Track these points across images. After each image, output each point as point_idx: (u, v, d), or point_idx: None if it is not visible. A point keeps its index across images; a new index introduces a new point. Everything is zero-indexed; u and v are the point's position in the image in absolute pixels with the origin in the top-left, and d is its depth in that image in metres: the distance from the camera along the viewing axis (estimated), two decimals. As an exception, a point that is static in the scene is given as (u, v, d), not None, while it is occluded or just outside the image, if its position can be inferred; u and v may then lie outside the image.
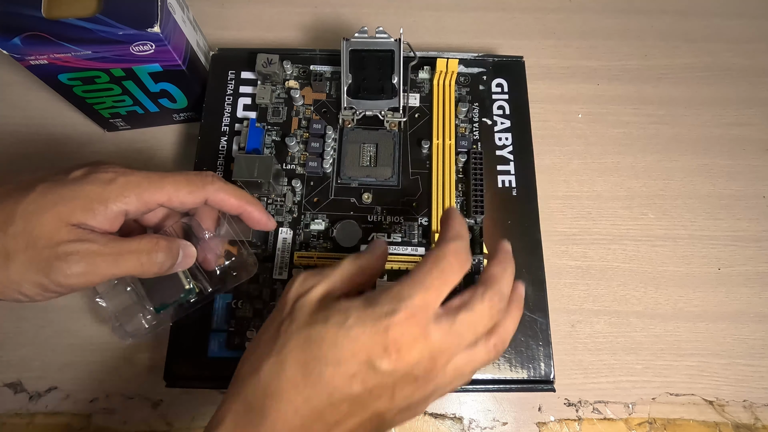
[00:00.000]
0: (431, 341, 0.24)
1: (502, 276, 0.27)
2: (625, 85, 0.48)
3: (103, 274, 0.27)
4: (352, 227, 0.37)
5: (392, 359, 0.23)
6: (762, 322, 0.41)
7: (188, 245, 0.31)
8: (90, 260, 0.26)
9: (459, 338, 0.25)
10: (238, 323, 0.35)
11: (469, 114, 0.41)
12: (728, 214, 0.44)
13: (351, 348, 0.23)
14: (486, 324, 0.26)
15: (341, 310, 0.24)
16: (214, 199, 0.30)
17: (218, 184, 0.30)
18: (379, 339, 0.23)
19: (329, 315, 0.24)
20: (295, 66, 0.42)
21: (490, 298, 0.26)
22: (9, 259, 0.25)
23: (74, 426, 0.37)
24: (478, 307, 0.25)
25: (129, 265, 0.27)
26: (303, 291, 0.26)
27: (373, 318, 0.24)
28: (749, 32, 0.51)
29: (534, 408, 0.39)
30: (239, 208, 0.32)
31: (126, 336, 0.32)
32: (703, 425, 0.38)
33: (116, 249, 0.27)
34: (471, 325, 0.25)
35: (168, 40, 0.35)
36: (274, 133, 0.40)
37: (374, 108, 0.39)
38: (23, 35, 0.33)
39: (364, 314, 0.24)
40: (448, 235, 0.27)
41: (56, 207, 0.26)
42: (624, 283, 0.42)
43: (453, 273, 0.25)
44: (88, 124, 0.45)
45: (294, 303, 0.26)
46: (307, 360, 0.24)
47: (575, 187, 0.45)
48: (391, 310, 0.24)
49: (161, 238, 0.29)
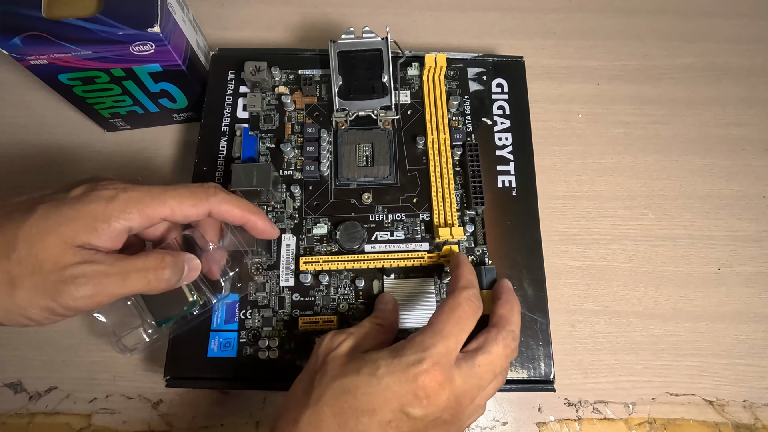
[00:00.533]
0: (456, 385, 0.26)
1: (511, 315, 0.30)
2: (625, 85, 0.48)
3: (111, 294, 0.26)
4: (355, 228, 0.37)
5: (423, 405, 0.25)
6: (762, 322, 0.41)
7: (193, 258, 0.30)
8: (97, 281, 0.26)
9: (480, 380, 0.27)
10: (248, 333, 0.35)
11: (461, 107, 0.41)
12: (728, 214, 0.44)
13: (384, 396, 0.25)
14: (502, 364, 0.28)
15: (371, 360, 0.26)
16: (218, 211, 0.30)
17: (221, 196, 0.30)
18: (409, 387, 0.25)
19: (360, 366, 0.26)
20: (283, 71, 0.41)
21: (504, 339, 0.28)
22: (15, 286, 0.25)
23: (74, 426, 0.37)
24: (494, 349, 0.28)
25: (136, 283, 0.27)
26: (333, 346, 0.28)
27: (402, 367, 0.25)
28: (749, 32, 0.51)
29: (534, 408, 0.39)
30: (243, 219, 0.31)
31: (125, 350, 0.31)
32: (703, 425, 0.38)
33: (123, 268, 0.27)
34: (489, 366, 0.27)
35: (168, 40, 0.35)
36: (268, 140, 0.40)
37: (366, 108, 0.39)
38: (23, 35, 0.33)
39: (392, 364, 0.26)
40: (460, 284, 0.30)
41: (59, 229, 0.25)
42: (624, 283, 0.42)
43: (468, 319, 0.28)
44: (88, 124, 0.45)
45: (326, 357, 0.28)
46: (343, 409, 0.25)
47: (575, 187, 0.45)
48: (418, 360, 0.25)
49: (167, 253, 0.29)
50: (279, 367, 0.34)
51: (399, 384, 0.25)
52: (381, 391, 0.25)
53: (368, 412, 0.25)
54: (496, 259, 0.37)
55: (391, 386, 0.25)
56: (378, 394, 0.25)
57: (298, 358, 0.34)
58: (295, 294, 0.36)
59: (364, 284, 0.36)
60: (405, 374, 0.25)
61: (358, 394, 0.25)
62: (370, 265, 0.36)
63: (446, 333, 0.27)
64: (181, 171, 0.44)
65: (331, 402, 0.25)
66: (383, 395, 0.25)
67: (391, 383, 0.25)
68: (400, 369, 0.25)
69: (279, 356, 0.34)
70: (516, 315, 0.30)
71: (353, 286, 0.36)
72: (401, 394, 0.25)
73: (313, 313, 0.35)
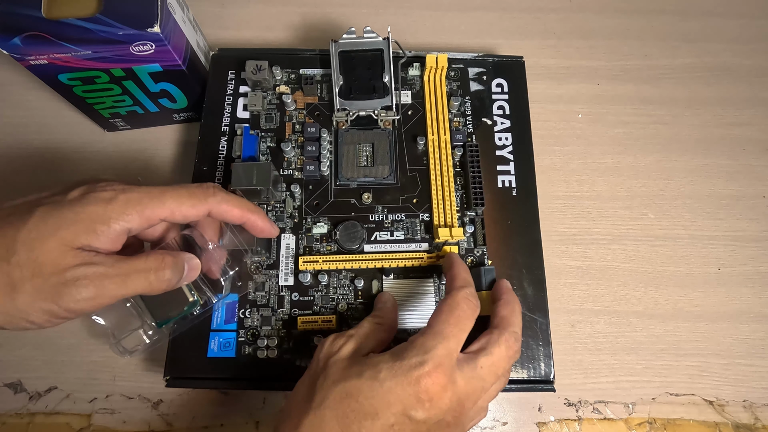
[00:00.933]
0: (458, 387, 0.26)
1: (512, 316, 0.30)
2: (625, 85, 0.48)
3: (113, 296, 0.26)
4: (355, 228, 0.37)
5: (426, 408, 0.25)
6: (762, 322, 0.41)
7: (192, 258, 0.30)
8: (99, 283, 0.26)
9: (482, 382, 0.27)
10: (247, 332, 0.35)
11: (462, 108, 0.41)
12: (728, 214, 0.44)
13: (386, 399, 0.25)
14: (505, 365, 0.28)
15: (372, 364, 0.26)
16: (217, 211, 0.30)
17: (220, 196, 0.30)
18: (412, 390, 0.25)
19: (362, 369, 0.26)
20: (284, 71, 0.41)
21: (506, 340, 0.28)
22: (16, 290, 0.25)
23: (74, 426, 0.37)
24: (496, 350, 0.28)
25: (137, 284, 0.27)
26: (334, 350, 0.28)
27: (404, 370, 0.25)
28: (749, 32, 0.51)
29: (534, 408, 0.39)
30: (242, 218, 0.31)
31: (125, 352, 0.31)
32: (703, 425, 0.38)
33: (124, 270, 0.26)
34: (492, 367, 0.27)
35: (168, 40, 0.35)
36: (268, 139, 0.40)
37: (367, 108, 0.39)
38: (23, 35, 0.33)
39: (394, 367, 0.26)
40: (456, 283, 0.30)
41: (59, 231, 0.25)
42: (624, 283, 0.42)
43: (467, 319, 0.28)
44: (88, 124, 0.45)
45: (327, 361, 0.28)
46: (345, 413, 0.25)
47: (575, 187, 0.45)
48: (420, 362, 0.25)
49: (167, 254, 0.28)
50: (278, 366, 0.34)
51: (401, 387, 0.25)
52: (383, 394, 0.25)
53: (371, 415, 0.25)
54: (496, 259, 0.37)
55: (394, 389, 0.25)
56: (380, 398, 0.25)
57: (297, 358, 0.34)
58: (294, 293, 0.36)
59: (364, 284, 0.36)
60: (407, 377, 0.25)
61: (360, 397, 0.25)
62: (370, 265, 0.36)
63: (446, 334, 0.27)
64: (181, 171, 0.44)
65: (333, 406, 0.25)
66: (386, 399, 0.25)
67: (393, 386, 0.25)
68: (402, 372, 0.25)
69: (278, 356, 0.34)
70: (517, 316, 0.30)
71: (352, 285, 0.36)
72: (404, 397, 0.25)
73: (312, 312, 0.35)
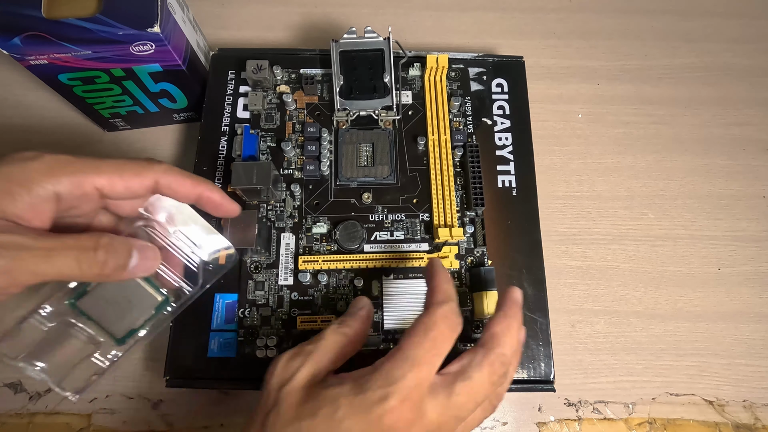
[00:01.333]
0: (428, 420, 0.23)
1: (505, 335, 0.25)
2: (625, 85, 0.48)
3: (32, 272, 0.22)
4: (355, 228, 0.37)
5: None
6: (762, 322, 0.41)
7: (147, 246, 0.26)
8: (14, 254, 0.21)
9: (458, 410, 0.23)
10: (246, 332, 0.35)
11: (462, 108, 0.41)
12: (728, 214, 0.44)
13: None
14: (486, 393, 0.24)
15: (330, 399, 0.23)
16: (165, 182, 0.26)
17: (166, 165, 0.26)
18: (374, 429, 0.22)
19: (318, 407, 0.23)
20: (285, 70, 0.42)
21: (491, 364, 0.24)
22: None
23: (74, 426, 0.37)
24: (477, 375, 0.24)
25: (64, 263, 0.22)
26: (287, 377, 0.24)
27: (365, 407, 0.22)
28: (749, 32, 0.51)
29: (534, 408, 0.39)
30: (194, 191, 0.27)
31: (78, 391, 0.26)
32: (703, 425, 0.38)
33: (48, 243, 0.22)
34: (470, 395, 0.24)
35: (168, 40, 0.35)
36: (269, 139, 0.40)
37: (367, 108, 0.39)
38: (23, 35, 0.33)
39: (354, 402, 0.22)
40: (436, 298, 0.26)
41: None
42: (624, 283, 0.42)
43: (445, 341, 0.24)
44: (88, 124, 0.45)
45: (278, 392, 0.24)
46: None
47: (575, 187, 0.45)
48: (384, 396, 0.22)
49: (105, 234, 0.24)
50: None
51: (362, 427, 0.22)
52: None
53: None
54: (496, 259, 0.37)
55: (353, 430, 0.22)
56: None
57: (297, 358, 0.34)
58: (293, 293, 0.36)
59: (363, 284, 0.36)
60: (368, 415, 0.22)
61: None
62: (369, 265, 0.36)
63: (418, 360, 0.23)
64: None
65: None
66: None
67: (352, 426, 0.22)
68: (362, 409, 0.22)
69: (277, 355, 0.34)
70: (511, 336, 0.26)
71: (352, 285, 0.36)
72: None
73: (311, 312, 0.35)
